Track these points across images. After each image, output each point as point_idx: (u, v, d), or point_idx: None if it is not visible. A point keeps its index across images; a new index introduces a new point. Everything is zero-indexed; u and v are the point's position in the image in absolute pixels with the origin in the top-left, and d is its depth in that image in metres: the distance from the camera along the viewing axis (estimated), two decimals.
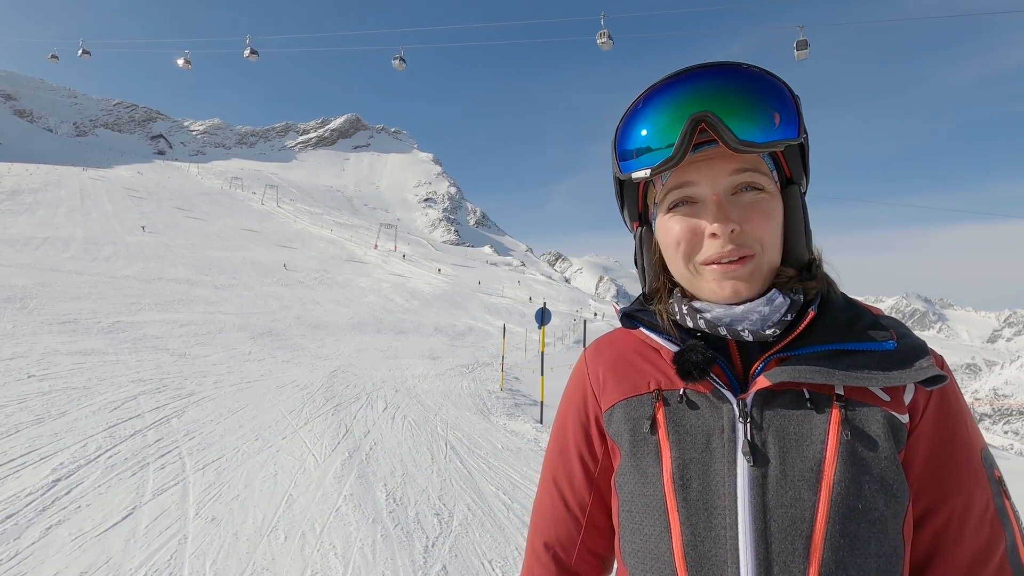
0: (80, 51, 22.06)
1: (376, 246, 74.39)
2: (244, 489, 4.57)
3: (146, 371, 9.03)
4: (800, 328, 0.69)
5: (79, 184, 71.04)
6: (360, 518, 4.21)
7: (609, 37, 17.49)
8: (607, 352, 0.87)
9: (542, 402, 9.99)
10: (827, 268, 0.78)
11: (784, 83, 0.70)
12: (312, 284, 34.92)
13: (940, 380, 0.66)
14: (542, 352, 11.19)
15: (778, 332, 0.69)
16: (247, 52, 20.60)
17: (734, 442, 0.68)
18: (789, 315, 0.70)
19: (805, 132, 0.72)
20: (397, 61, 18.32)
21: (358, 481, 5.03)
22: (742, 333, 0.70)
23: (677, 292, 0.79)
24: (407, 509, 4.52)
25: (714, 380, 0.71)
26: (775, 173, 0.74)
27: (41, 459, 4.75)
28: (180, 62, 21.14)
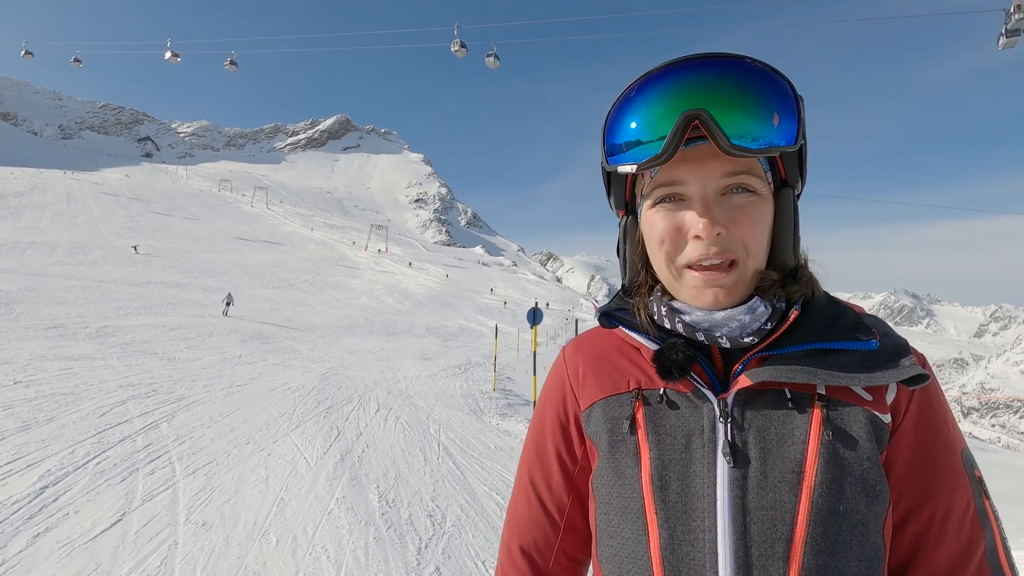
0: (72, 59, 22.58)
1: (366, 247, 74.04)
2: (235, 493, 4.54)
3: (135, 376, 8.95)
4: (782, 329, 0.67)
5: (65, 187, 70.20)
6: (353, 521, 4.20)
7: (462, 45, 17.59)
8: (587, 349, 0.84)
9: (535, 402, 10.01)
10: (812, 266, 0.75)
11: (788, 82, 0.66)
12: (303, 286, 34.73)
13: (922, 379, 0.64)
14: (534, 352, 11.20)
15: (756, 340, 0.68)
16: (168, 55, 20.67)
17: (714, 443, 0.66)
18: (769, 324, 0.68)
19: (804, 137, 0.67)
20: (491, 59, 18.23)
21: (350, 483, 5.01)
22: (720, 340, 0.68)
23: (658, 290, 0.76)
24: (400, 511, 4.50)
25: (695, 379, 0.69)
26: (769, 174, 0.70)
27: (28, 466, 4.69)
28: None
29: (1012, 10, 12.34)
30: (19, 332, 11.39)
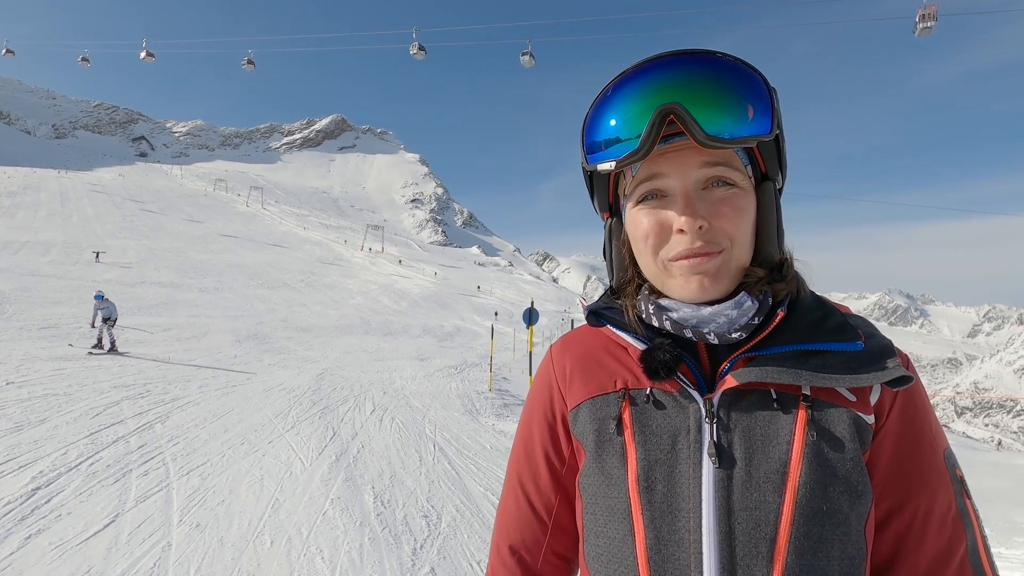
0: (80, 58, 23.40)
1: (362, 247, 73.89)
2: (229, 494, 4.53)
3: (129, 376, 8.91)
4: (769, 329, 0.68)
5: (59, 187, 69.74)
6: (347, 521, 4.19)
7: (420, 48, 17.69)
8: (574, 349, 0.84)
9: None
10: (799, 266, 0.75)
11: (760, 74, 0.67)
12: (298, 286, 34.65)
13: (906, 381, 0.65)
14: (530, 352, 11.21)
15: (744, 336, 0.68)
16: (143, 54, 21.06)
17: (700, 443, 0.66)
18: (756, 319, 0.68)
19: (779, 127, 0.68)
20: (527, 57, 18.27)
21: (345, 484, 5.00)
22: (707, 336, 0.68)
23: (645, 289, 0.77)
24: (395, 511, 4.50)
25: (681, 379, 0.69)
26: (749, 168, 0.71)
27: (20, 467, 4.66)
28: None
29: (918, 19, 13.29)
30: (12, 332, 11.33)
